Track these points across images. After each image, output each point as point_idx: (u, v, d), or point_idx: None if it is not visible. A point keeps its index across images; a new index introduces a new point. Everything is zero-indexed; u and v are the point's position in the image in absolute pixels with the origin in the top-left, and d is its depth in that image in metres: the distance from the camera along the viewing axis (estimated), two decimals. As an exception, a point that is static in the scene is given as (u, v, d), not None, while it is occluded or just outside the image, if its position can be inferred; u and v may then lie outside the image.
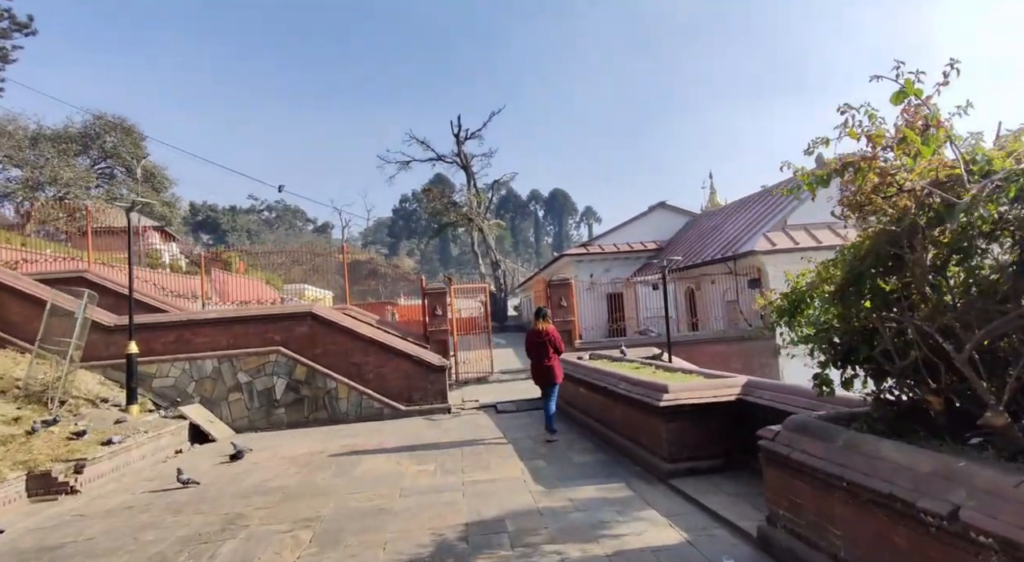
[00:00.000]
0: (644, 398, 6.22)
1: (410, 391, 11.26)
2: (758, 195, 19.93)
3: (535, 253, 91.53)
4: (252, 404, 10.76)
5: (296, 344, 11.08)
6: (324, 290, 25.60)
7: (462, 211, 38.98)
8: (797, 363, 13.59)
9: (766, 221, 16.11)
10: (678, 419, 5.88)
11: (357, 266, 32.12)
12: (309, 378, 10.93)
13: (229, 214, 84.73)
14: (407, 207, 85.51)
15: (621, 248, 23.79)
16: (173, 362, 10.62)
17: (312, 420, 10.85)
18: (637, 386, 6.61)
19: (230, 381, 10.74)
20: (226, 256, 26.39)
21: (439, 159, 39.30)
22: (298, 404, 10.88)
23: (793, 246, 14.59)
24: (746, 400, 5.77)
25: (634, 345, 14.81)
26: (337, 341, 11.21)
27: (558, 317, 14.90)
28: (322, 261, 24.72)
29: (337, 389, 10.98)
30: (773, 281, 14.91)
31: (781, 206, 16.35)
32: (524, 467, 6.63)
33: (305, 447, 8.72)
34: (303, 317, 11.15)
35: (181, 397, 10.53)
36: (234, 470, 7.54)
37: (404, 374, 11.28)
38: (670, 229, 24.63)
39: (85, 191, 38.99)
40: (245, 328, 10.93)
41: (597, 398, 8.12)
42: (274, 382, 10.85)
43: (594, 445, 7.47)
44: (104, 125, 43.91)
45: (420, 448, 8.04)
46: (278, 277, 27.97)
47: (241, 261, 27.37)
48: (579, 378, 8.90)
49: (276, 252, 19.54)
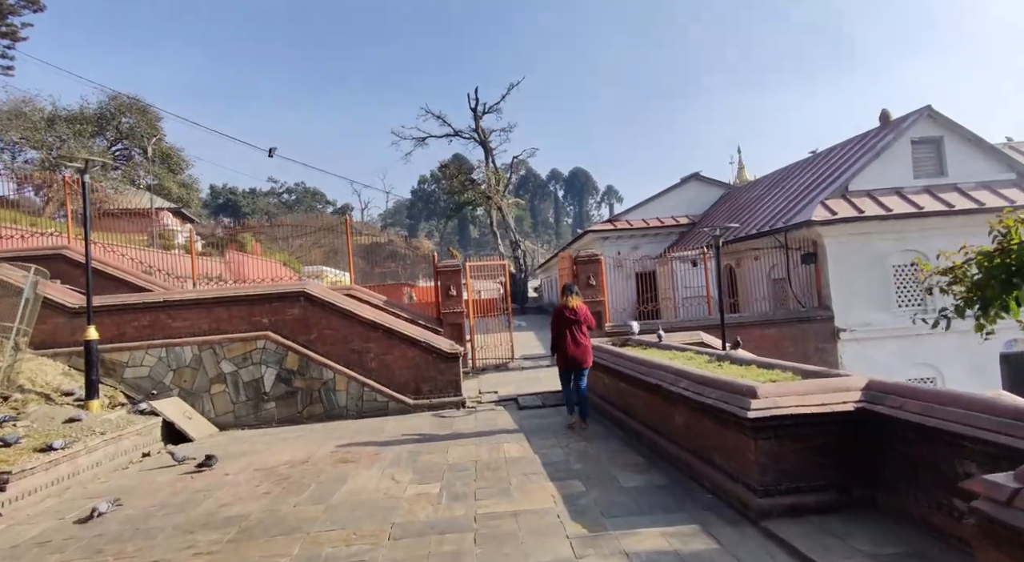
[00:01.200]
0: (720, 404, 4.50)
1: (418, 382, 9.68)
2: (806, 161, 17.77)
3: (555, 234, 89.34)
4: (238, 397, 9.29)
5: (287, 328, 9.55)
6: (343, 272, 24.25)
7: (480, 189, 37.19)
8: (857, 348, 11.50)
9: (822, 188, 14.06)
10: (774, 435, 4.16)
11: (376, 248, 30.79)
12: (302, 367, 9.42)
13: (249, 196, 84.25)
14: (426, 188, 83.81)
15: (651, 223, 21.84)
16: (148, 349, 9.16)
17: (306, 415, 9.35)
18: (708, 387, 4.88)
19: (212, 371, 9.27)
20: (241, 236, 25.11)
21: (456, 135, 37.41)
22: (290, 397, 9.38)
23: (857, 215, 12.57)
24: (874, 411, 4.02)
25: (672, 329, 13.03)
26: (334, 325, 9.65)
27: (586, 297, 13.15)
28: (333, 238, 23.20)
29: (335, 380, 9.45)
30: (832, 256, 12.95)
31: (841, 170, 14.25)
32: (556, 492, 4.97)
33: (290, 452, 7.19)
34: (294, 297, 9.60)
35: (157, 389, 9.10)
36: (195, 485, 6.03)
37: (411, 363, 9.70)
38: (704, 202, 22.55)
39: (102, 173, 38.13)
40: (229, 310, 9.41)
41: (644, 396, 6.41)
42: (262, 372, 9.35)
43: (645, 459, 5.77)
44: (119, 106, 42.91)
45: (424, 456, 6.45)
46: (295, 259, 26.82)
47: (256, 242, 26.18)
48: (618, 370, 7.19)
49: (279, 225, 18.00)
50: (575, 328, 7.37)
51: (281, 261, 24.22)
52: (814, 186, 14.68)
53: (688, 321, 13.23)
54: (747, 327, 13.28)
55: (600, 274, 13.26)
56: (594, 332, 13.47)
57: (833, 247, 12.93)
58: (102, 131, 43.80)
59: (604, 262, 13.45)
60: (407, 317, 12.85)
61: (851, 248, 12.96)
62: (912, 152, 13.26)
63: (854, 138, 15.74)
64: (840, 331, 12.85)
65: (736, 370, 5.69)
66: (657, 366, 6.10)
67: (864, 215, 12.50)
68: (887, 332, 12.80)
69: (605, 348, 8.46)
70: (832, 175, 14.39)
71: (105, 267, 11.83)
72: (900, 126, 13.57)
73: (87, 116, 41.79)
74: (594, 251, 13.51)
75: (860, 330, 12.81)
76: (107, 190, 38.05)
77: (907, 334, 12.83)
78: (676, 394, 5.36)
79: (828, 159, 15.91)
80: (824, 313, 13.02)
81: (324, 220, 17.02)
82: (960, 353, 12.76)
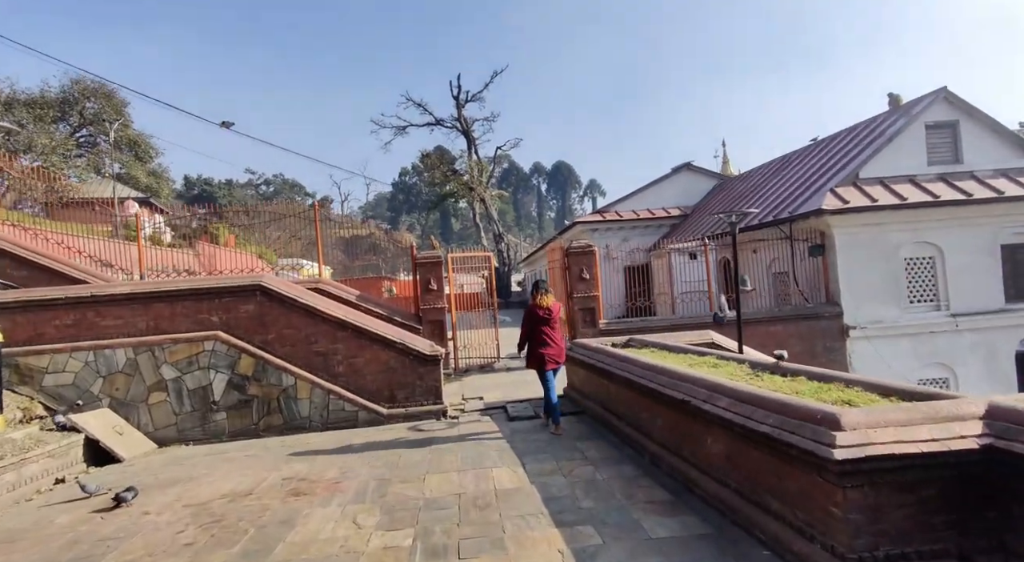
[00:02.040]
0: (784, 434, 3.35)
1: (393, 389, 8.42)
2: (809, 149, 16.78)
3: (538, 228, 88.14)
4: (181, 407, 7.93)
5: (241, 328, 8.20)
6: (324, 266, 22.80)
7: (463, 180, 35.81)
8: (867, 346, 10.49)
9: (830, 175, 13.05)
10: (868, 482, 3.01)
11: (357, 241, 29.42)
12: (258, 372, 8.09)
13: (225, 188, 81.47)
14: (407, 181, 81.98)
15: (641, 215, 20.75)
16: (72, 352, 7.74)
17: (263, 428, 8.03)
18: (759, 408, 3.73)
19: (151, 377, 7.88)
20: (214, 227, 23.56)
21: (437, 123, 35.94)
22: (244, 407, 8.04)
23: (871, 203, 11.56)
24: (1009, 450, 2.89)
25: (673, 327, 11.94)
26: (296, 323, 8.32)
27: (579, 292, 12.01)
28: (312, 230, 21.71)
29: (296, 387, 8.14)
30: (841, 248, 11.96)
31: (850, 156, 13.25)
32: (565, 546, 3.77)
33: (233, 479, 5.89)
34: (249, 292, 8.24)
35: (84, 399, 7.69)
36: (102, 531, 4.71)
37: (385, 366, 8.42)
38: (696, 193, 21.53)
39: (64, 160, 35.93)
40: (171, 307, 8.02)
41: (665, 414, 5.25)
42: (211, 378, 7.99)
43: (671, 495, 4.59)
44: (83, 90, 40.57)
45: (396, 486, 5.22)
46: (272, 252, 25.38)
47: (231, 234, 24.70)
48: (627, 378, 6.02)
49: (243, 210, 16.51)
50: (549, 328, 7.07)
51: (256, 253, 22.74)
52: (821, 174, 13.67)
53: (688, 318, 12.14)
54: (752, 324, 12.25)
55: (594, 266, 12.10)
56: (587, 331, 12.36)
57: (843, 238, 11.94)
58: (64, 116, 41.48)
59: (598, 254, 12.29)
60: (382, 314, 11.55)
61: (862, 239, 11.98)
62: (926, 137, 12.31)
63: (861, 123, 14.78)
64: (850, 328, 11.88)
65: (781, 383, 4.56)
66: (684, 377, 4.93)
67: (878, 204, 11.50)
68: (899, 329, 11.87)
69: (608, 351, 7.30)
70: (841, 162, 13.39)
71: (40, 258, 10.33)
72: (913, 110, 12.61)
73: (48, 100, 39.46)
74: (588, 242, 12.32)
75: (871, 327, 11.86)
76: (70, 178, 35.84)
77: (920, 332, 11.94)
78: (712, 415, 4.21)
79: (834, 145, 14.93)
80: (832, 309, 12.03)
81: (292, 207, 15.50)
82: (975, 352, 11.91)
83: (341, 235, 24.62)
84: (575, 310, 12.01)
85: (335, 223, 21.01)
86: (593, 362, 7.37)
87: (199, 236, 21.66)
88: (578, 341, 8.76)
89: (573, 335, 12.17)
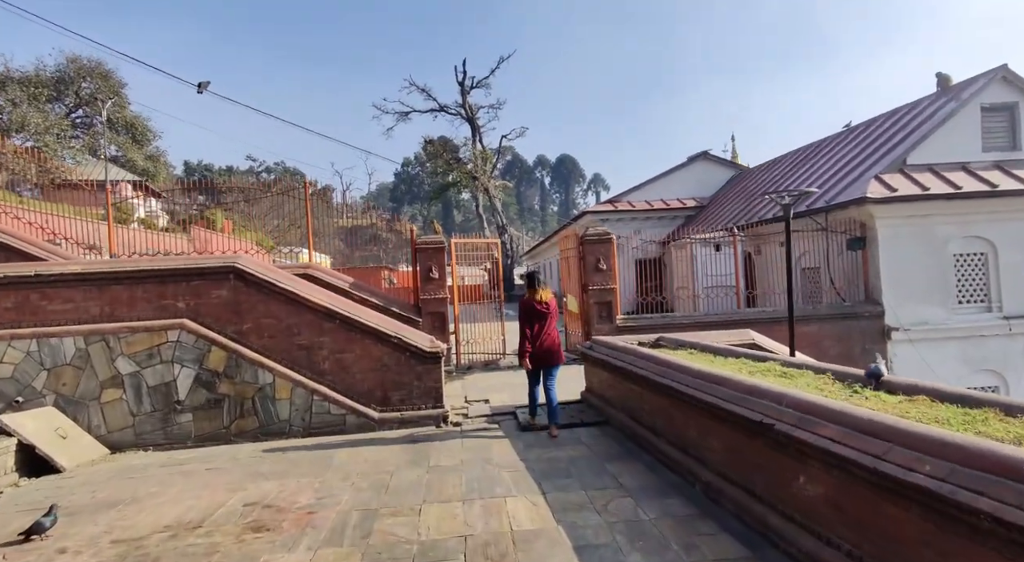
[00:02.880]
0: (977, 500, 2.20)
1: (386, 389, 7.27)
2: (843, 135, 15.52)
3: (540, 221, 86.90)
4: (140, 406, 6.79)
5: (212, 315, 7.04)
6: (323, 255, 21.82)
7: (466, 169, 34.59)
8: (911, 350, 9.20)
9: (872, 162, 11.86)
10: None
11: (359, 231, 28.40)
12: (231, 368, 6.94)
13: (226, 174, 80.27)
14: (409, 171, 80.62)
15: (655, 205, 19.57)
16: (12, 340, 6.58)
17: (234, 432, 6.90)
18: (901, 447, 2.58)
19: (105, 371, 6.74)
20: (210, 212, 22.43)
21: (441, 110, 34.67)
22: (214, 407, 6.90)
23: (921, 192, 10.38)
24: None
25: (699, 325, 10.80)
26: (275, 312, 7.16)
27: (595, 284, 10.85)
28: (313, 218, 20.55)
29: (274, 385, 7.00)
30: (884, 241, 10.79)
31: (894, 141, 12.04)
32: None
33: (185, 502, 4.75)
34: (222, 274, 7.07)
35: (25, 395, 6.56)
36: (-5, 578, 3.60)
37: (378, 363, 7.27)
38: (713, 184, 20.33)
39: (58, 140, 34.75)
40: (131, 290, 6.86)
41: (727, 435, 4.07)
42: (175, 373, 6.85)
43: (747, 551, 3.39)
44: (79, 69, 39.29)
45: (384, 522, 4.09)
46: (270, 238, 24.34)
47: (228, 219, 23.69)
48: (668, 386, 4.86)
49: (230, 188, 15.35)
50: (546, 323, 6.54)
51: (254, 241, 21.71)
52: (859, 161, 12.47)
53: (716, 316, 11.00)
54: (778, 323, 11.12)
55: (611, 257, 10.95)
56: (603, 327, 11.21)
57: (886, 230, 10.76)
58: (60, 96, 40.20)
59: (616, 243, 11.12)
60: (378, 304, 10.41)
61: (907, 232, 10.81)
62: (982, 121, 11.11)
63: (903, 107, 13.56)
64: (892, 330, 10.74)
65: (900, 405, 3.41)
66: (757, 391, 3.77)
67: (930, 193, 10.32)
68: (946, 332, 10.73)
69: (639, 352, 6.14)
70: (883, 148, 12.18)
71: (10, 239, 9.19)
72: (967, 91, 11.41)
73: (43, 79, 38.15)
74: (605, 229, 11.15)
75: (914, 329, 10.71)
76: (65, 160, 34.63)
77: (970, 335, 10.79)
78: (811, 447, 3.06)
79: (872, 131, 13.70)
80: (872, 308, 10.88)
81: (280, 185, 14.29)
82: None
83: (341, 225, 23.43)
84: (590, 304, 10.87)
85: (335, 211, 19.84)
86: (622, 364, 6.22)
87: (195, 221, 20.62)
88: (599, 339, 7.62)
89: (587, 331, 11.03)
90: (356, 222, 28.68)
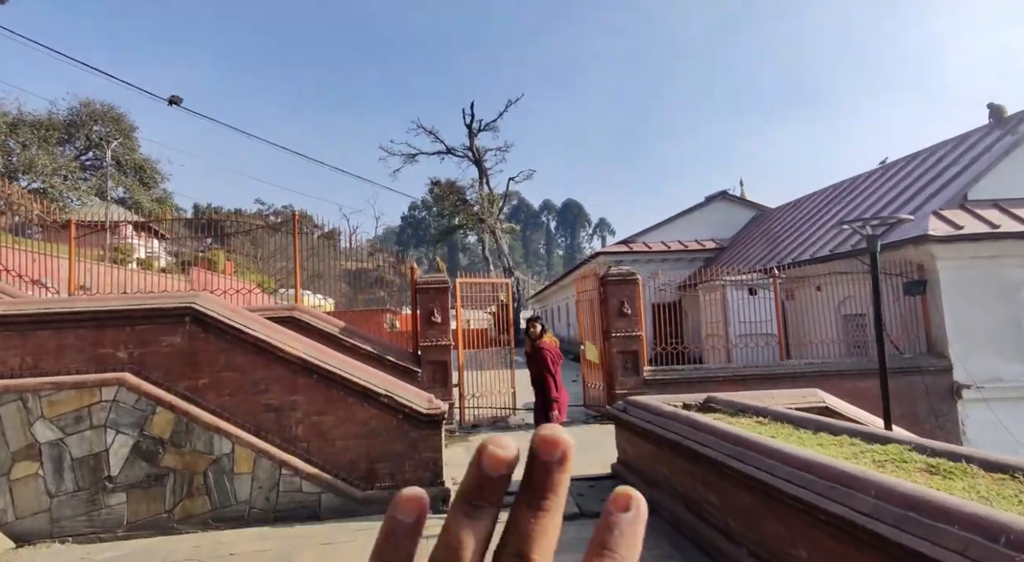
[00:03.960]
0: None
1: (373, 461, 5.82)
2: (882, 171, 14.38)
3: (546, 265, 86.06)
4: (60, 485, 5.34)
5: (160, 368, 5.69)
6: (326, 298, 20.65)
7: (473, 211, 33.78)
8: (985, 412, 7.50)
9: (924, 197, 10.65)
10: None
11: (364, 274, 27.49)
12: (180, 434, 5.52)
13: (234, 217, 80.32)
14: (416, 215, 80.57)
15: (672, 247, 18.36)
16: (-95, 399, 5.24)
17: (179, 516, 5.41)
18: None
19: (18, 439, 5.33)
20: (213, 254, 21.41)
21: (448, 152, 34.14)
22: (154, 485, 5.45)
23: (991, 230, 9.09)
24: None
25: (735, 379, 9.37)
26: (238, 364, 5.80)
27: (618, 330, 9.48)
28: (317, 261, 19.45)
29: (234, 455, 5.56)
30: (948, 283, 9.43)
31: (948, 175, 10.85)
32: None
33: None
34: (175, 317, 5.75)
35: (-85, 469, 5.15)
36: None
37: (363, 429, 5.85)
38: (732, 225, 19.18)
39: (65, 182, 34.43)
40: (60, 336, 5.54)
41: None
42: (107, 441, 5.43)
43: None
44: (91, 113, 39.53)
45: None
46: (272, 280, 23.28)
47: (229, 261, 22.69)
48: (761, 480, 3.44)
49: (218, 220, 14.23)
50: (554, 377, 5.71)
51: (256, 282, 20.62)
52: (911, 196, 11.23)
53: (754, 368, 9.57)
54: (830, 378, 9.66)
55: (637, 299, 9.61)
56: (628, 380, 9.77)
57: (948, 273, 9.42)
58: (71, 138, 40.24)
59: (642, 284, 9.81)
60: (372, 351, 9.05)
61: (973, 275, 9.46)
62: None
63: (948, 141, 12.46)
64: (962, 387, 9.23)
65: None
66: (941, 511, 2.36)
67: (1001, 231, 9.03)
68: None
69: (697, 422, 4.71)
70: (935, 182, 10.98)
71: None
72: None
73: (55, 122, 38.24)
74: (630, 268, 9.85)
75: (988, 387, 9.20)
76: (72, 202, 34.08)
77: (1055, 394, 9.26)
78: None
79: (918, 166, 12.54)
80: (937, 362, 9.42)
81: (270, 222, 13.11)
82: None
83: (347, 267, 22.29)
84: (613, 353, 9.46)
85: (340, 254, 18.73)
86: (674, 437, 4.78)
87: (197, 263, 19.61)
88: (635, 400, 6.18)
89: (610, 384, 9.57)
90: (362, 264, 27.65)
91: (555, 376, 5.68)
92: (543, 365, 5.73)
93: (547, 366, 5.69)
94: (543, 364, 5.73)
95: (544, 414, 5.71)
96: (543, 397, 5.76)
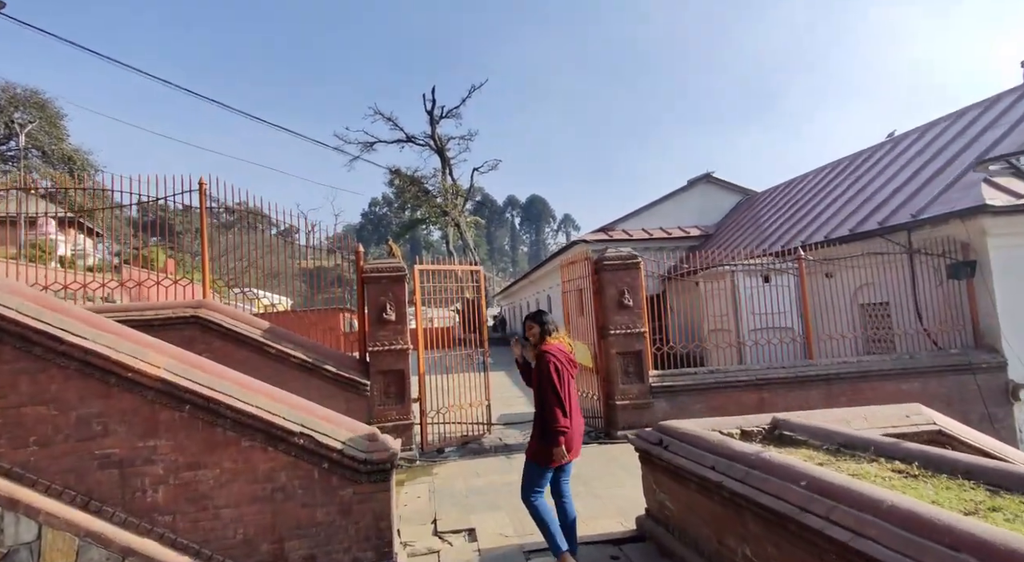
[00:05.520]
0: None
1: (281, 538, 3.67)
2: (887, 144, 12.90)
3: (511, 262, 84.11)
4: None
5: (-86, 404, 3.40)
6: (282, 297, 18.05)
7: (436, 202, 31.52)
8: None
9: (960, 166, 9.12)
10: None
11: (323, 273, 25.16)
12: (-56, 514, 3.26)
13: (183, 214, 75.39)
14: (376, 211, 77.37)
15: (654, 234, 16.63)
16: None
17: (-63, 658, 3.16)
18: None
19: None
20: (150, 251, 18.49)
21: (409, 140, 31.71)
22: None
23: (1059, 198, 7.56)
24: None
25: (754, 383, 7.59)
26: (56, 394, 3.55)
27: (617, 326, 7.54)
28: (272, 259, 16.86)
29: (41, 544, 3.33)
30: (1000, 267, 7.88)
31: (988, 141, 9.33)
32: None
33: None
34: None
35: None
36: None
37: (266, 486, 3.70)
38: (718, 210, 17.61)
39: (-13, 175, 30.60)
40: None
41: None
42: None
43: None
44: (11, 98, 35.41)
45: None
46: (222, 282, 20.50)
47: (171, 258, 19.80)
48: None
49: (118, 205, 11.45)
50: (559, 394, 3.66)
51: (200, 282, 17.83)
52: (943, 166, 9.68)
53: (780, 369, 7.81)
54: (868, 379, 7.99)
55: (639, 288, 7.71)
56: (630, 388, 7.83)
57: (1002, 253, 7.88)
58: (-13, 126, 36.01)
59: (644, 268, 7.91)
60: (305, 361, 6.84)
61: (1021, 256, 7.95)
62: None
63: (978, 103, 10.99)
64: (1019, 387, 7.70)
65: None
66: None
67: (1070, 198, 7.50)
68: (1091, 389, 7.74)
69: (836, 487, 2.76)
70: (970, 150, 9.45)
71: None
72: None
73: (-30, 108, 34.05)
74: (631, 250, 7.91)
75: (1056, 387, 7.70)
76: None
77: (1125, 392, 7.81)
78: None
79: (943, 133, 11.01)
80: (989, 358, 7.86)
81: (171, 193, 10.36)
82: None
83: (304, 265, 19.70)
84: (611, 355, 7.52)
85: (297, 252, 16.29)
86: (774, 506, 2.83)
87: (131, 261, 16.76)
88: (673, 428, 4.20)
89: (608, 392, 7.64)
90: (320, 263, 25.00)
91: (561, 393, 3.66)
92: (544, 378, 3.70)
93: (549, 379, 3.67)
94: (544, 376, 3.70)
95: (543, 453, 3.69)
96: (542, 425, 3.73)
